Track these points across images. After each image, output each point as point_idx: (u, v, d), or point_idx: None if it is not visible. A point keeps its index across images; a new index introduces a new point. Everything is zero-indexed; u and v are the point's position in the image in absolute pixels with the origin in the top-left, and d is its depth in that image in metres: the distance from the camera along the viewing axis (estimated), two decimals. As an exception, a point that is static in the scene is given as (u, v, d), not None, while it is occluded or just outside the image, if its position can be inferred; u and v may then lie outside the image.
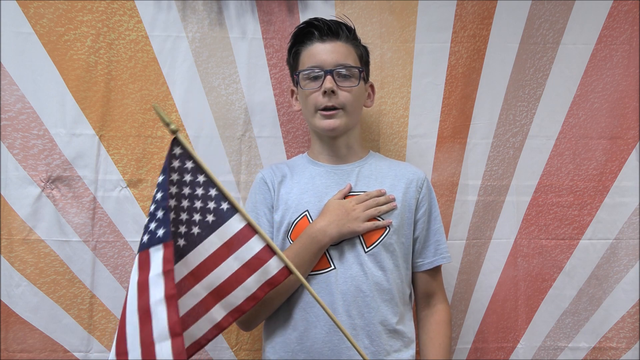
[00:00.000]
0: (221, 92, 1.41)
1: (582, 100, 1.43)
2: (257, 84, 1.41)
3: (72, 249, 1.36)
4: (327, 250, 1.13)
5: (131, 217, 1.37)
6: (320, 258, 1.13)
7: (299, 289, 1.13)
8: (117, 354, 0.86)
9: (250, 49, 1.41)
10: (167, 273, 0.85)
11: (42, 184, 1.36)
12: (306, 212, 1.17)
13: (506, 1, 1.42)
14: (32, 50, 1.36)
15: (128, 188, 1.38)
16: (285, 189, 1.21)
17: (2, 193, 1.35)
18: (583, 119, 1.43)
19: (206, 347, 1.36)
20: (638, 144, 1.42)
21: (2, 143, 1.36)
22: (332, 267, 1.13)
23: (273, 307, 1.15)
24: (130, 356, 0.84)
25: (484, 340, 1.42)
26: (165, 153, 1.36)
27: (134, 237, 1.38)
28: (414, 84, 1.43)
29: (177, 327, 0.82)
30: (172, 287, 0.84)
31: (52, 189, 1.36)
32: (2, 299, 1.35)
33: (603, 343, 1.41)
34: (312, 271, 1.13)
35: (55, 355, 1.35)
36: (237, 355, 1.39)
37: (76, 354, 1.36)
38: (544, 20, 1.43)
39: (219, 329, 0.96)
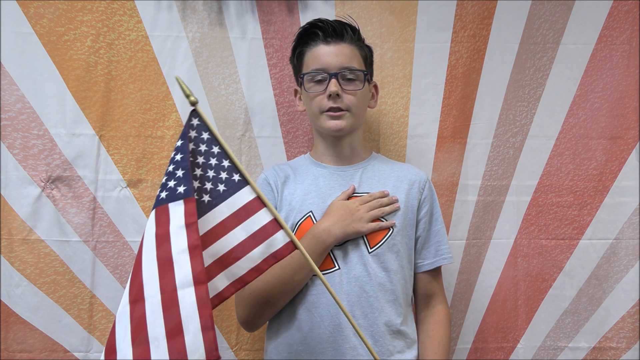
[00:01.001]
0: (221, 92, 1.41)
1: (582, 100, 1.43)
2: (257, 84, 1.41)
3: (72, 249, 1.36)
4: (331, 250, 1.13)
5: (131, 217, 1.37)
6: (325, 258, 1.13)
7: (303, 290, 1.13)
8: (132, 301, 0.85)
9: (250, 49, 1.41)
10: (190, 225, 0.85)
11: (42, 184, 1.36)
12: (310, 213, 1.17)
13: (506, 1, 1.42)
14: (32, 50, 1.36)
15: (128, 188, 1.38)
16: (288, 190, 1.21)
17: (2, 193, 1.35)
18: (583, 119, 1.43)
19: (206, 347, 1.37)
20: (638, 144, 1.42)
21: (2, 143, 1.36)
22: (337, 267, 1.13)
23: (277, 307, 1.15)
24: (147, 302, 0.84)
25: (484, 340, 1.42)
26: (165, 153, 1.38)
27: (134, 237, 1.38)
28: (414, 84, 1.43)
29: (202, 275, 0.82)
30: (197, 238, 0.84)
31: (52, 189, 1.36)
32: (2, 299, 1.35)
33: (603, 343, 1.41)
34: (315, 273, 1.13)
35: (55, 355, 1.35)
36: (237, 355, 1.39)
37: (76, 354, 1.35)
38: (544, 20, 1.43)
39: (220, 298, 0.96)
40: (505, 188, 1.43)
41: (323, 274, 1.13)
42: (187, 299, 0.81)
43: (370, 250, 1.14)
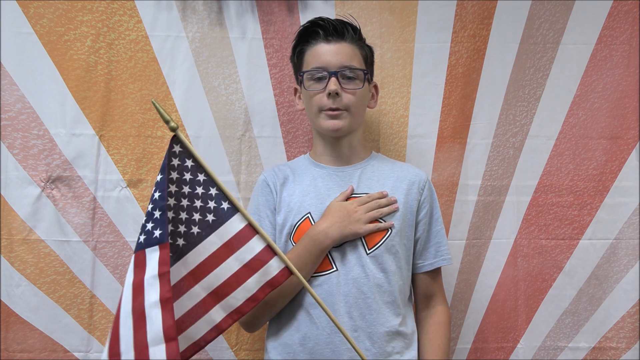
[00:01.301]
0: (221, 92, 1.41)
1: (582, 100, 1.43)
2: (257, 84, 1.41)
3: (72, 249, 1.36)
4: (329, 252, 1.13)
5: (131, 217, 1.37)
6: (323, 260, 1.13)
7: (302, 290, 1.13)
8: (110, 354, 0.85)
9: (250, 49, 1.41)
10: (163, 275, 0.84)
11: (42, 184, 1.36)
12: (308, 214, 1.17)
13: (506, 1, 1.42)
14: (32, 50, 1.36)
15: (128, 188, 1.38)
16: (287, 191, 1.21)
17: (2, 193, 1.35)
18: (583, 119, 1.43)
19: (206, 347, 1.37)
20: (638, 144, 1.42)
21: (2, 143, 1.36)
22: (334, 268, 1.13)
23: (276, 308, 1.15)
24: (123, 357, 0.84)
25: (484, 340, 1.42)
26: (165, 153, 1.37)
27: (134, 237, 1.36)
28: (414, 84, 1.43)
29: (172, 331, 0.82)
30: (168, 290, 0.84)
31: (52, 189, 1.36)
32: (2, 299, 1.35)
33: (603, 343, 1.41)
34: (314, 273, 1.13)
35: (55, 355, 1.35)
36: (237, 355, 1.39)
37: (76, 354, 1.35)
38: (544, 20, 1.43)
39: (218, 330, 0.95)
40: (505, 188, 1.43)
41: (321, 276, 1.13)
42: (158, 356, 0.81)
43: (368, 252, 1.14)
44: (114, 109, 1.38)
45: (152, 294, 0.84)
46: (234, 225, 0.94)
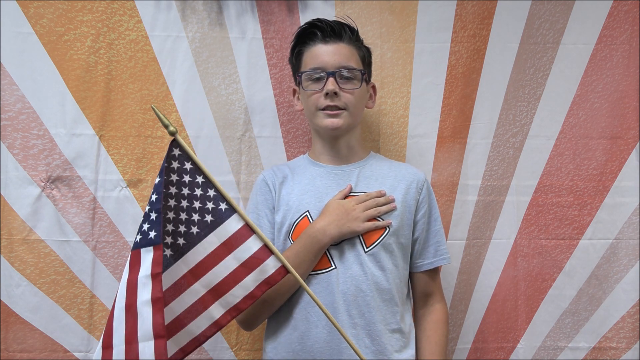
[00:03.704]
0: (221, 92, 1.41)
1: (582, 100, 1.43)
2: (257, 84, 1.41)
3: (72, 249, 1.36)
4: (327, 250, 1.13)
5: (131, 217, 1.37)
6: (321, 258, 1.13)
7: (300, 289, 1.14)
8: (103, 347, 0.89)
9: (250, 49, 1.41)
10: (155, 276, 0.88)
11: (42, 184, 1.36)
12: (307, 213, 1.17)
13: (506, 1, 1.42)
14: (32, 50, 1.36)
15: (128, 188, 1.38)
16: (286, 190, 1.21)
17: (2, 193, 1.35)
18: (583, 119, 1.43)
19: (206, 347, 1.37)
20: (638, 144, 1.42)
21: (2, 143, 1.36)
22: (333, 266, 1.13)
23: (274, 306, 1.15)
24: (115, 351, 0.87)
25: (484, 340, 1.42)
26: (165, 153, 1.37)
27: (134, 237, 1.37)
28: (414, 84, 1.43)
29: (161, 329, 0.85)
30: (159, 291, 0.87)
31: (52, 189, 1.36)
32: (2, 299, 1.35)
33: (603, 343, 1.41)
34: (312, 271, 1.13)
35: (55, 355, 1.35)
36: (237, 355, 1.39)
37: (76, 354, 1.36)
38: (544, 20, 1.43)
39: (217, 326, 0.98)
40: (505, 188, 1.43)
41: (320, 273, 1.13)
42: (147, 352, 0.84)
43: (366, 250, 1.14)
44: (114, 109, 1.38)
45: (145, 292, 0.87)
46: (232, 225, 0.97)
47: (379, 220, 1.15)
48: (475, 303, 1.43)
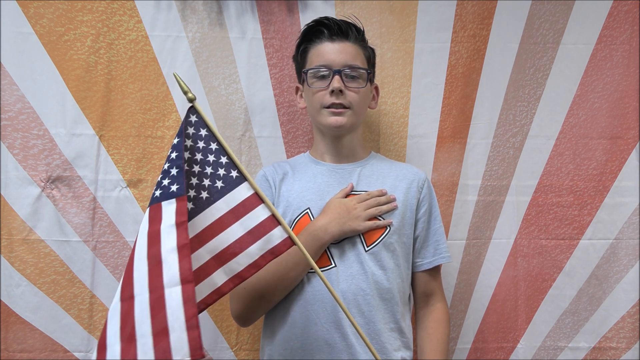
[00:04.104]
0: (221, 92, 1.41)
1: (582, 100, 1.43)
2: (257, 84, 1.41)
3: (72, 249, 1.36)
4: (328, 248, 1.13)
5: (131, 217, 1.37)
6: (321, 256, 1.13)
7: (298, 286, 1.13)
8: (122, 299, 0.86)
9: (250, 49, 1.41)
10: (181, 224, 0.86)
11: (42, 184, 1.36)
12: (308, 210, 1.17)
13: (506, 1, 1.42)
14: (32, 50, 1.36)
15: (128, 188, 1.38)
16: (286, 187, 1.21)
17: (2, 193, 1.35)
18: (583, 119, 1.43)
19: (206, 347, 1.37)
20: (638, 144, 1.42)
21: (2, 143, 1.36)
22: (333, 265, 1.13)
23: (272, 303, 1.15)
24: (137, 300, 0.84)
25: (484, 340, 1.42)
26: (165, 153, 1.38)
27: (134, 237, 1.37)
28: (414, 84, 1.43)
29: (189, 274, 0.82)
30: (186, 238, 0.85)
31: (52, 189, 1.36)
32: (2, 299, 1.35)
33: (603, 343, 1.41)
34: (312, 268, 1.13)
35: (55, 355, 1.35)
36: (237, 355, 1.39)
37: (76, 354, 1.35)
38: (544, 20, 1.43)
39: (218, 294, 0.96)
40: (505, 188, 1.43)
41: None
42: (174, 297, 0.82)
43: (366, 249, 1.14)
44: (114, 109, 1.38)
45: (170, 240, 0.85)
46: (241, 192, 0.96)
47: (380, 220, 1.15)
48: (475, 303, 1.43)
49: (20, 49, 1.36)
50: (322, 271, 1.13)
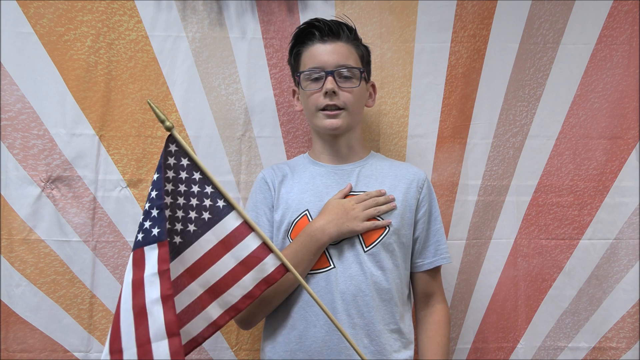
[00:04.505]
0: (221, 92, 1.41)
1: (582, 100, 1.43)
2: (257, 84, 1.41)
3: (72, 249, 1.36)
4: (326, 249, 1.13)
5: (131, 217, 1.37)
6: (320, 257, 1.13)
7: (298, 288, 1.13)
8: (111, 352, 0.86)
9: (250, 49, 1.41)
10: (163, 273, 0.85)
11: (42, 184, 1.36)
12: (306, 212, 1.17)
13: (506, 1, 1.42)
14: (32, 50, 1.36)
15: (128, 188, 1.38)
16: (285, 189, 1.21)
17: (2, 193, 1.35)
18: (583, 119, 1.43)
19: (206, 347, 1.37)
20: (638, 144, 1.42)
21: (2, 143, 1.36)
22: (332, 266, 1.13)
23: (272, 305, 1.15)
24: (125, 355, 0.84)
25: (484, 340, 1.42)
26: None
27: (134, 237, 1.37)
28: (414, 84, 1.43)
29: (175, 327, 0.82)
30: (169, 287, 0.84)
31: (52, 189, 1.36)
32: (2, 299, 1.35)
33: (603, 343, 1.41)
34: (311, 270, 1.13)
35: (55, 355, 1.35)
36: (237, 355, 1.39)
37: (76, 354, 1.36)
38: (544, 20, 1.43)
39: (215, 327, 0.96)
40: (505, 188, 1.43)
41: (319, 273, 1.13)
42: (161, 352, 0.81)
43: (365, 249, 1.14)
44: (114, 109, 1.38)
45: (153, 291, 0.84)
46: (230, 222, 0.95)
47: (379, 220, 1.15)
48: (475, 303, 1.43)
49: (20, 49, 1.36)
50: (321, 272, 1.13)
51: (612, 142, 1.43)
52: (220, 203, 0.95)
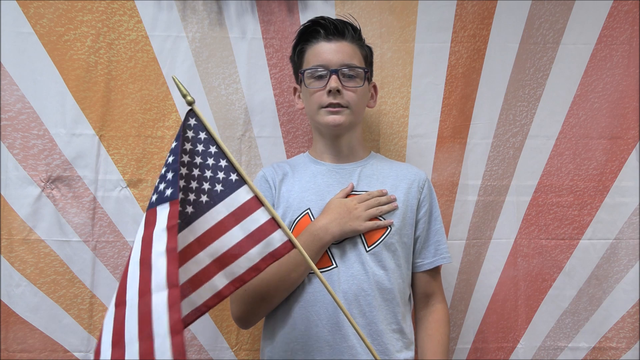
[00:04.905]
0: (221, 92, 1.41)
1: (582, 100, 1.43)
2: (257, 84, 1.41)
3: (72, 249, 1.36)
4: (328, 248, 1.13)
5: (131, 217, 1.37)
6: (322, 256, 1.13)
7: (299, 287, 1.13)
8: (116, 304, 0.87)
9: (250, 49, 1.41)
10: (171, 228, 0.86)
11: (42, 184, 1.36)
12: (308, 210, 1.17)
13: (506, 1, 1.42)
14: (32, 50, 1.36)
15: (128, 188, 1.38)
16: (286, 187, 1.21)
17: (2, 193, 1.35)
18: (583, 119, 1.43)
19: (206, 347, 1.38)
20: (638, 144, 1.42)
21: (2, 143, 1.36)
22: (334, 265, 1.13)
23: (272, 305, 1.14)
24: (127, 305, 0.84)
25: (484, 340, 1.42)
26: (165, 153, 1.38)
27: (134, 237, 1.37)
28: (414, 84, 1.43)
29: (175, 278, 0.82)
30: (174, 241, 0.85)
31: (52, 189, 1.36)
32: (2, 299, 1.35)
33: (603, 343, 1.41)
34: (312, 270, 1.13)
35: (55, 355, 1.35)
36: (237, 355, 1.39)
37: (76, 354, 1.35)
38: (544, 20, 1.43)
39: (219, 297, 0.97)
40: (505, 188, 1.43)
41: (321, 272, 1.13)
42: (160, 302, 0.81)
43: (367, 249, 1.14)
44: (114, 109, 1.38)
45: (160, 245, 0.85)
46: (241, 196, 0.96)
47: (381, 220, 1.15)
48: (475, 303, 1.43)
49: (20, 49, 1.36)
50: (323, 272, 1.12)
51: (612, 142, 1.43)
52: (233, 177, 0.97)
